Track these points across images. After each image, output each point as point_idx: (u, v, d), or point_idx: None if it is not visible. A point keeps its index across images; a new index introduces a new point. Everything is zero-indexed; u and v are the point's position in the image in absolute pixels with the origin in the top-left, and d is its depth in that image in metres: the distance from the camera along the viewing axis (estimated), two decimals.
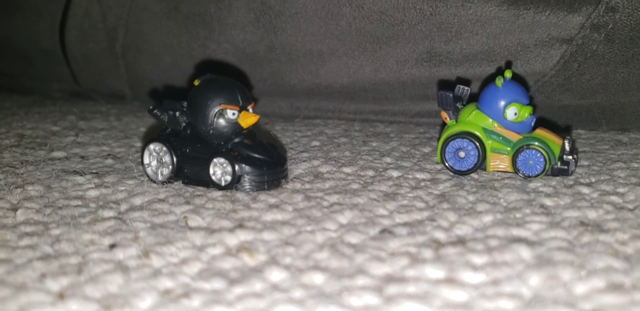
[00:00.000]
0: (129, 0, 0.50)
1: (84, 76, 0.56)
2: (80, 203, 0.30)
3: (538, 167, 0.32)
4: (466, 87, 0.34)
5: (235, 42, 0.46)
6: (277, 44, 0.45)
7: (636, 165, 0.34)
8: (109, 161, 0.37)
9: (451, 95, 0.33)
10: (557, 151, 0.32)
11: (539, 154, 0.32)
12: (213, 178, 0.31)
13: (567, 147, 0.32)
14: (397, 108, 0.46)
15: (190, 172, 0.32)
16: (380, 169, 0.34)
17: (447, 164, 0.33)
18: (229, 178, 0.30)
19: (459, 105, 0.34)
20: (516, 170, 0.32)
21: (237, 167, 0.30)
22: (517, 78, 0.37)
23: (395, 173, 0.34)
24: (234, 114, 0.31)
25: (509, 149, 0.33)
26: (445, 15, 0.40)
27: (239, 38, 0.46)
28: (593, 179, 0.32)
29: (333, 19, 0.43)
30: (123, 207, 0.29)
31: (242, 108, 0.31)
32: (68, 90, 0.59)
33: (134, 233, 0.25)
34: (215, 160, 0.31)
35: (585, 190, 0.30)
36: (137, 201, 0.30)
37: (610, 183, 0.31)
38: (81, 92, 0.58)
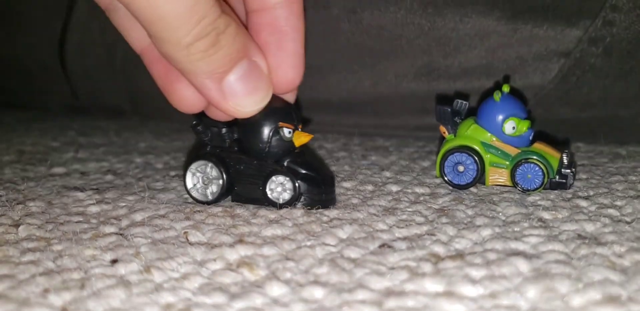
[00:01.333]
0: None
1: (83, 91, 0.56)
2: (81, 219, 0.30)
3: (536, 181, 0.32)
4: (464, 102, 0.34)
5: None
6: None
7: (634, 178, 0.34)
8: (109, 177, 0.37)
9: (449, 109, 0.33)
10: (555, 165, 0.32)
11: (537, 168, 0.32)
12: (270, 195, 0.31)
13: (565, 161, 0.32)
14: (396, 122, 0.46)
15: (241, 190, 0.31)
16: (380, 184, 0.34)
17: (446, 178, 0.34)
18: (287, 196, 0.30)
19: (457, 119, 0.34)
20: (515, 184, 0.32)
21: (298, 185, 0.30)
22: (514, 92, 0.37)
23: (394, 188, 0.34)
24: (289, 132, 0.30)
25: (507, 163, 0.33)
26: (444, 30, 0.41)
27: None
28: (591, 193, 0.32)
29: (332, 34, 0.43)
30: (124, 223, 0.29)
31: (295, 127, 0.31)
32: (67, 105, 0.59)
33: (135, 249, 0.26)
34: (273, 178, 0.30)
35: (583, 203, 0.30)
36: (138, 216, 0.30)
37: (608, 196, 0.31)
38: (80, 108, 0.58)
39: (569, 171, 0.32)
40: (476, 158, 0.33)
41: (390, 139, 0.46)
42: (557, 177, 0.32)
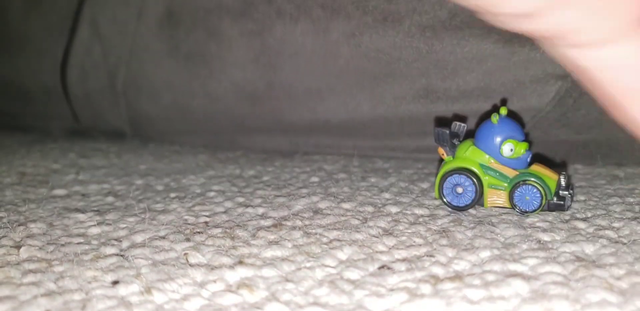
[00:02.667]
0: (130, 39, 0.50)
1: (84, 114, 0.56)
2: (82, 240, 0.30)
3: (534, 202, 0.32)
4: (462, 124, 0.35)
5: (235, 80, 0.47)
6: (277, 82, 0.46)
7: (632, 200, 0.35)
8: (110, 199, 0.38)
9: (447, 131, 0.34)
10: (553, 187, 0.32)
11: (535, 190, 0.32)
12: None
13: (563, 183, 0.33)
14: (395, 144, 0.46)
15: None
16: (379, 205, 0.35)
17: (445, 199, 0.34)
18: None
19: (455, 141, 0.34)
20: (513, 206, 0.33)
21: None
22: (512, 115, 0.38)
23: (394, 209, 0.34)
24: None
25: (505, 185, 0.33)
26: (442, 53, 0.41)
27: (239, 76, 0.47)
28: (589, 214, 0.32)
29: (331, 57, 0.44)
30: (125, 244, 0.29)
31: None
32: (68, 128, 0.59)
33: (136, 270, 0.26)
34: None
35: (581, 225, 0.30)
36: (139, 238, 0.30)
37: (606, 217, 0.31)
38: (81, 130, 0.58)
39: (566, 192, 0.32)
40: (474, 180, 0.33)
41: (389, 161, 0.46)
42: (555, 199, 0.32)
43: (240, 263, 0.26)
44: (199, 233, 0.30)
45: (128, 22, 0.50)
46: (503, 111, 0.33)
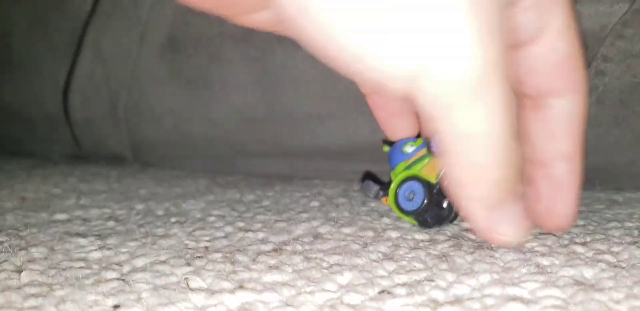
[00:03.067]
0: (133, 64, 0.51)
1: (85, 138, 0.57)
2: (83, 265, 0.30)
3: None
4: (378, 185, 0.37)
5: (236, 105, 0.47)
6: (277, 106, 0.46)
7: (630, 224, 0.35)
8: (111, 223, 0.38)
9: (371, 181, 0.36)
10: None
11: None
12: None
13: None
14: None
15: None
16: (380, 230, 0.35)
17: (401, 207, 0.35)
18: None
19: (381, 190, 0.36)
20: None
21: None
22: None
23: (394, 234, 0.34)
24: None
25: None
26: None
27: (239, 101, 0.47)
28: (588, 239, 0.32)
29: (331, 82, 0.44)
30: (125, 268, 0.29)
31: None
32: (69, 153, 0.60)
33: (137, 294, 0.26)
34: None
35: (580, 249, 0.30)
36: (139, 262, 0.30)
37: (605, 242, 0.31)
38: (82, 155, 0.59)
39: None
40: (422, 182, 0.34)
41: None
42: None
43: (241, 287, 0.26)
44: (199, 257, 0.31)
45: (130, 47, 0.51)
46: (385, 148, 0.36)
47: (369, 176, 0.36)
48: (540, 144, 0.30)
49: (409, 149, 0.35)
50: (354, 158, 0.47)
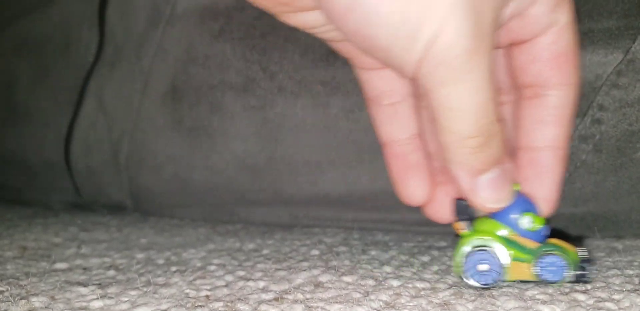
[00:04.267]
0: (135, 113, 0.51)
1: (86, 187, 0.57)
2: None
3: (560, 273, 0.32)
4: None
5: (236, 153, 0.48)
6: (277, 154, 0.47)
7: (631, 272, 0.35)
8: (111, 272, 0.38)
9: (466, 203, 0.33)
10: (574, 258, 0.32)
11: (560, 260, 0.32)
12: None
13: (584, 255, 0.33)
14: (395, 217, 0.46)
15: None
16: (381, 279, 0.35)
17: (468, 278, 0.33)
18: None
19: (472, 213, 0.34)
20: (537, 276, 0.32)
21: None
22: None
23: (395, 282, 0.34)
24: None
25: (529, 256, 0.33)
26: None
27: (240, 149, 0.48)
28: (589, 287, 0.32)
29: (330, 131, 0.45)
30: None
31: None
32: (70, 202, 0.60)
33: None
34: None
35: (581, 297, 0.30)
36: None
37: (606, 289, 0.31)
38: (83, 204, 0.59)
39: (588, 264, 0.32)
40: (498, 254, 0.33)
41: (389, 234, 0.46)
42: (578, 270, 0.32)
43: None
44: (200, 306, 0.30)
45: (133, 96, 0.51)
46: (517, 187, 0.33)
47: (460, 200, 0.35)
48: (530, 130, 0.32)
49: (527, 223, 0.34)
50: (354, 206, 0.47)
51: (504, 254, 0.33)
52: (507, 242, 0.33)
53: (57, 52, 0.57)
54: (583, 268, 0.32)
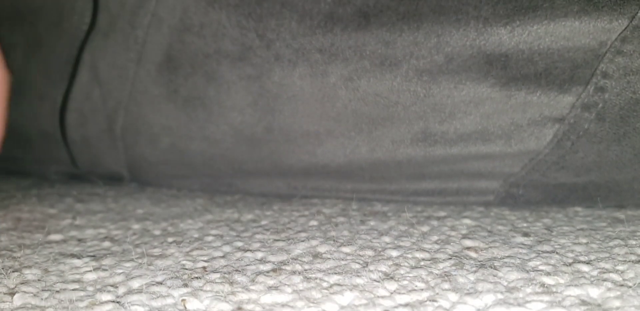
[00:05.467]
0: (130, 83, 0.51)
1: (82, 158, 0.56)
2: (78, 287, 0.29)
3: None
4: None
5: (233, 124, 0.47)
6: (275, 125, 0.46)
7: (634, 242, 0.34)
8: (106, 244, 0.37)
9: None
10: None
11: None
12: None
13: None
14: (393, 187, 0.46)
15: None
16: (380, 249, 0.34)
17: None
18: None
19: None
20: None
21: None
22: None
23: (394, 253, 0.34)
24: None
25: None
26: (439, 97, 0.41)
27: (237, 120, 0.47)
28: (592, 257, 0.32)
29: (329, 101, 0.44)
30: (121, 290, 0.29)
31: None
32: (66, 172, 0.59)
33: None
34: None
35: (584, 268, 0.30)
36: (135, 284, 0.30)
37: (610, 260, 0.31)
38: (79, 175, 0.58)
39: None
40: None
41: (388, 204, 0.46)
42: None
43: (239, 309, 0.26)
44: (197, 278, 0.30)
45: (127, 67, 0.50)
46: None
47: None
48: None
49: None
50: (352, 177, 0.46)
51: None
52: None
53: (50, 22, 0.56)
54: None
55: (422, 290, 0.28)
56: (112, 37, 0.52)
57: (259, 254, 0.34)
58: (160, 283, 0.29)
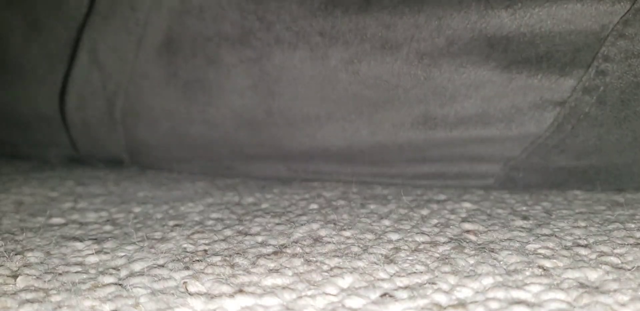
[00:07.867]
0: (130, 66, 0.51)
1: (82, 141, 0.56)
2: (80, 269, 0.30)
3: None
4: None
5: (233, 107, 0.47)
6: (275, 108, 0.46)
7: (632, 226, 0.34)
8: (108, 227, 0.37)
9: None
10: None
11: None
12: None
13: None
14: (394, 170, 0.46)
15: None
16: (380, 232, 0.34)
17: None
18: None
19: None
20: None
21: None
22: None
23: (394, 236, 0.34)
24: None
25: None
26: (440, 80, 0.41)
27: (237, 103, 0.47)
28: (591, 240, 0.32)
29: (329, 84, 0.44)
30: (123, 273, 0.29)
31: None
32: (67, 156, 0.59)
33: (135, 299, 0.25)
34: None
35: (583, 251, 0.30)
36: (137, 266, 0.30)
37: (608, 243, 0.31)
38: (79, 158, 0.58)
39: None
40: None
41: (388, 188, 0.46)
42: None
43: (240, 291, 0.26)
44: (198, 261, 0.30)
45: (127, 49, 0.50)
46: None
47: None
48: None
49: None
50: (353, 160, 0.46)
51: None
52: None
53: (49, 5, 0.56)
54: None
55: (421, 272, 0.28)
56: (112, 19, 0.51)
57: (260, 238, 0.34)
58: (162, 266, 0.30)
